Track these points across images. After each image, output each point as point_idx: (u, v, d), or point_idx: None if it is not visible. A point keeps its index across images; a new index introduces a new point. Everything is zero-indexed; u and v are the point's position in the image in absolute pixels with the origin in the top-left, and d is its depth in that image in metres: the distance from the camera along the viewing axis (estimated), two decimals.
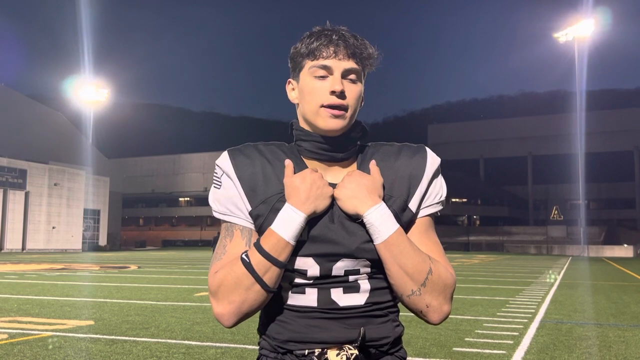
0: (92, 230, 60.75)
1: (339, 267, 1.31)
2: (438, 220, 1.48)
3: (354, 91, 1.34)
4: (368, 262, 1.32)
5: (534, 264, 32.99)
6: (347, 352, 1.30)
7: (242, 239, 1.35)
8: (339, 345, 1.31)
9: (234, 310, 1.29)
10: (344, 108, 1.32)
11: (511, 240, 72.32)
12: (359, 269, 1.32)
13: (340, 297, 1.32)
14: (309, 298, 1.32)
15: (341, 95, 1.31)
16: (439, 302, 1.32)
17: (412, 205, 1.37)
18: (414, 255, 1.29)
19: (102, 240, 61.88)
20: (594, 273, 24.67)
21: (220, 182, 1.39)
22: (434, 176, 1.41)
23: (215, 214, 1.40)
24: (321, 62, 1.32)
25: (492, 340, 7.08)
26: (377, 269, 1.33)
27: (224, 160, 1.39)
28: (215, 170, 1.42)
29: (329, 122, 1.32)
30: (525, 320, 8.85)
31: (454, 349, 6.52)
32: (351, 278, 1.32)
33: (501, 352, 6.40)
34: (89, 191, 59.19)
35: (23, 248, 50.15)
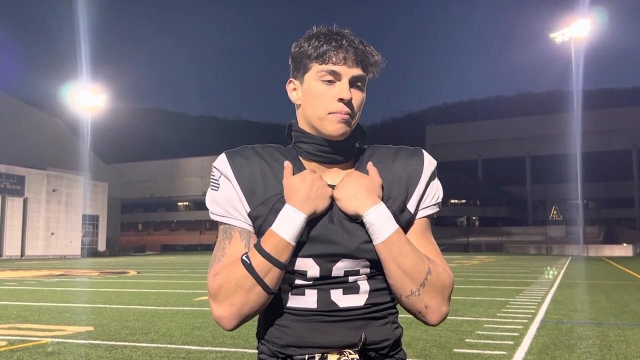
0: (91, 236, 60.66)
1: (339, 268, 1.31)
2: (437, 221, 1.48)
3: (359, 98, 1.35)
4: (367, 263, 1.32)
5: (534, 264, 32.99)
6: (347, 357, 1.29)
7: (241, 241, 1.34)
8: (339, 349, 1.30)
9: (235, 312, 1.28)
10: (351, 115, 1.33)
11: (510, 241, 72.30)
12: (359, 270, 1.32)
13: (340, 299, 1.32)
14: (309, 300, 1.32)
15: (349, 103, 1.31)
16: (437, 303, 1.32)
17: (410, 206, 1.37)
18: (413, 256, 1.30)
19: (101, 246, 61.81)
20: (593, 272, 24.68)
21: (218, 183, 1.38)
22: (431, 178, 1.42)
23: (213, 216, 1.39)
24: (330, 67, 1.31)
25: (493, 341, 7.07)
26: (377, 269, 1.33)
27: (221, 162, 1.38)
28: (212, 172, 1.41)
29: (337, 127, 1.32)
30: (526, 321, 8.84)
31: (455, 350, 6.51)
32: (351, 279, 1.32)
33: (502, 352, 6.39)
34: (88, 197, 59.16)
35: (22, 255, 50.07)
